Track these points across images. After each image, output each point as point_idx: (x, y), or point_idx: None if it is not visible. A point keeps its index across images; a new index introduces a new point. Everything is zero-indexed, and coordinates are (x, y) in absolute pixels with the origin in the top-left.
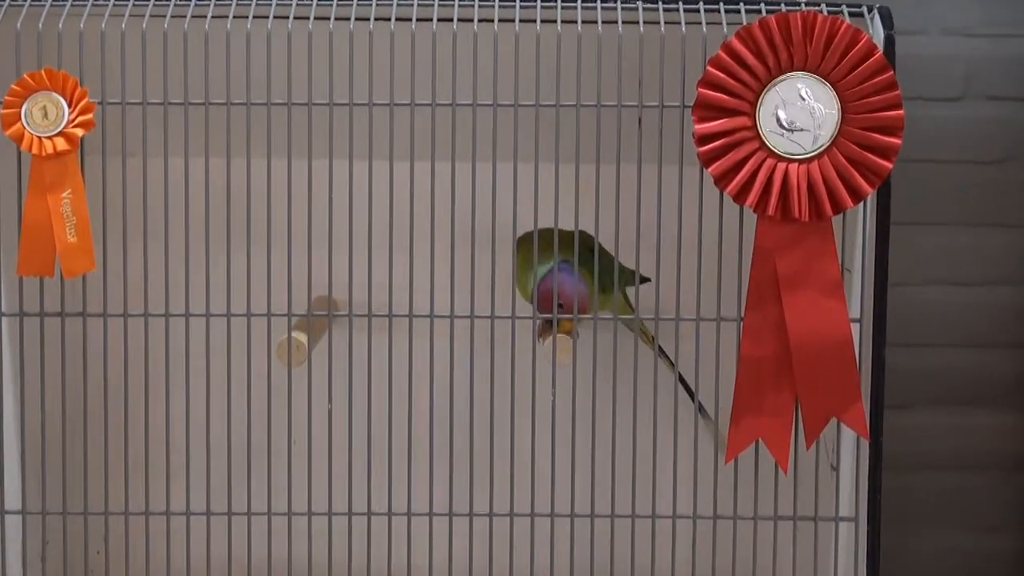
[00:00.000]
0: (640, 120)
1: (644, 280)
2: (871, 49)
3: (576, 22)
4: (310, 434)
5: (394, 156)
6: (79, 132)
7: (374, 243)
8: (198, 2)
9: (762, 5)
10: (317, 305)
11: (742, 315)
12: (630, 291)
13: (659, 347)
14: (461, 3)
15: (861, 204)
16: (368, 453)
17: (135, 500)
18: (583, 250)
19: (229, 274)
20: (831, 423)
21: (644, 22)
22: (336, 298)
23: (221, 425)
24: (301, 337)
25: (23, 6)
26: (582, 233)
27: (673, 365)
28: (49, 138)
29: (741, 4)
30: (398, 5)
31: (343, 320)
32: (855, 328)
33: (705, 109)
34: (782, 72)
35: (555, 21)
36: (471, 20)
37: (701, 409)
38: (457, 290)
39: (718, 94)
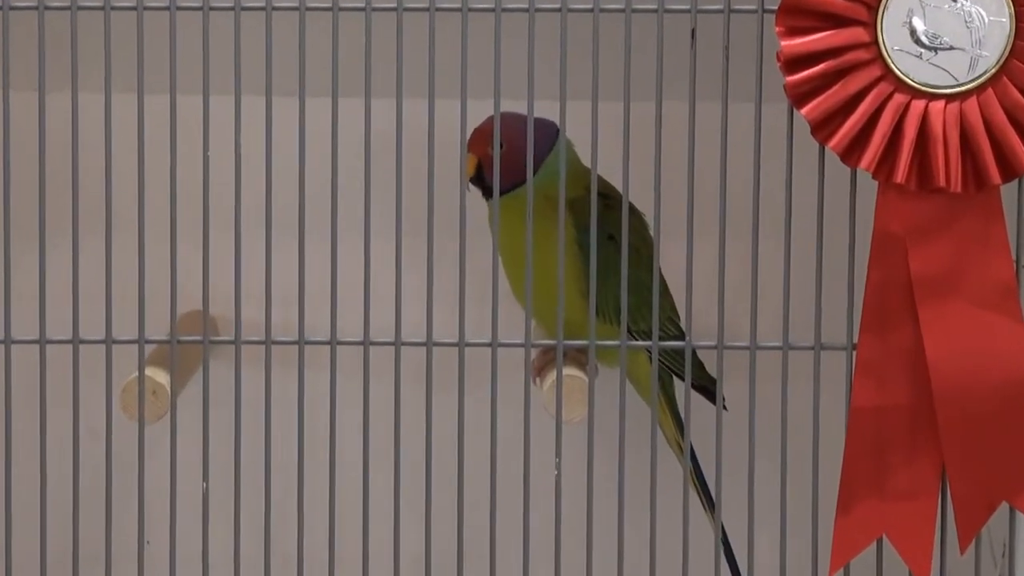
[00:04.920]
0: (694, 33)
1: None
2: None
3: None
4: (174, 529)
5: (305, 89)
6: None
7: (275, 228)
8: None
9: None
10: (186, 326)
11: (854, 341)
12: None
13: (692, 462)
14: None
15: None
16: (266, 558)
17: None
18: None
19: (43, 277)
20: (1000, 511)
21: None
22: (216, 315)
23: (30, 514)
24: (159, 376)
25: None
26: (604, 199)
27: (712, 507)
28: None
29: None
30: None
31: (226, 349)
32: None
33: (797, 16)
34: None
35: None
36: None
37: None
38: (407, 302)
39: None
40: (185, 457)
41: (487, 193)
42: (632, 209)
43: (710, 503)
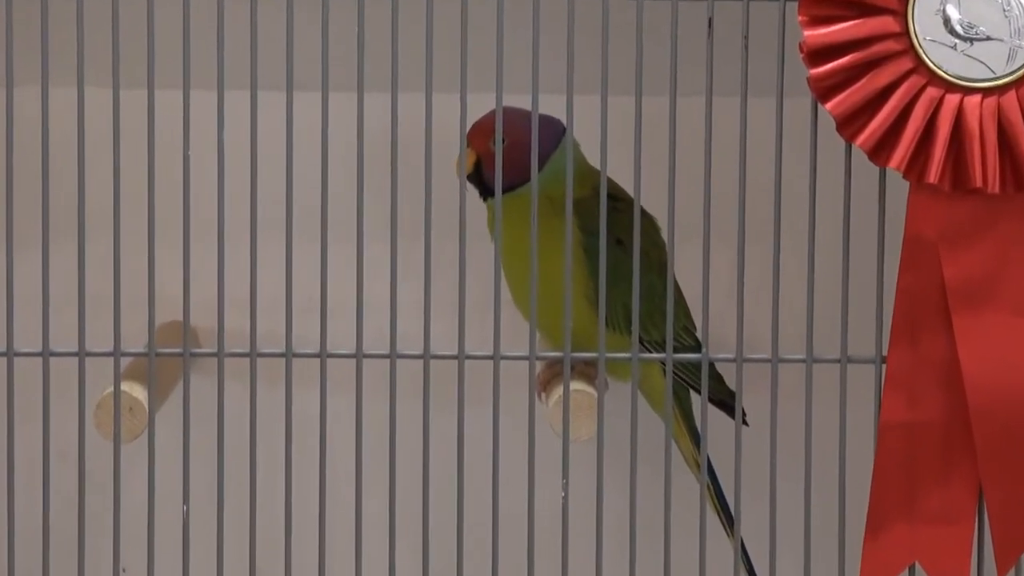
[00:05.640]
0: (711, 22)
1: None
2: None
3: None
4: (152, 557)
5: (293, 83)
6: None
7: (261, 232)
8: None
9: None
10: (165, 337)
11: (883, 353)
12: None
13: (710, 483)
14: None
15: None
16: None
17: None
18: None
19: (10, 284)
20: None
21: None
22: (197, 325)
23: None
24: (136, 391)
25: None
26: (611, 201)
27: (732, 527)
28: None
29: None
30: None
31: (208, 362)
32: None
33: (821, 3)
34: None
35: None
36: None
37: None
38: (402, 311)
39: None
40: (164, 479)
41: (485, 192)
42: (643, 212)
43: (730, 526)
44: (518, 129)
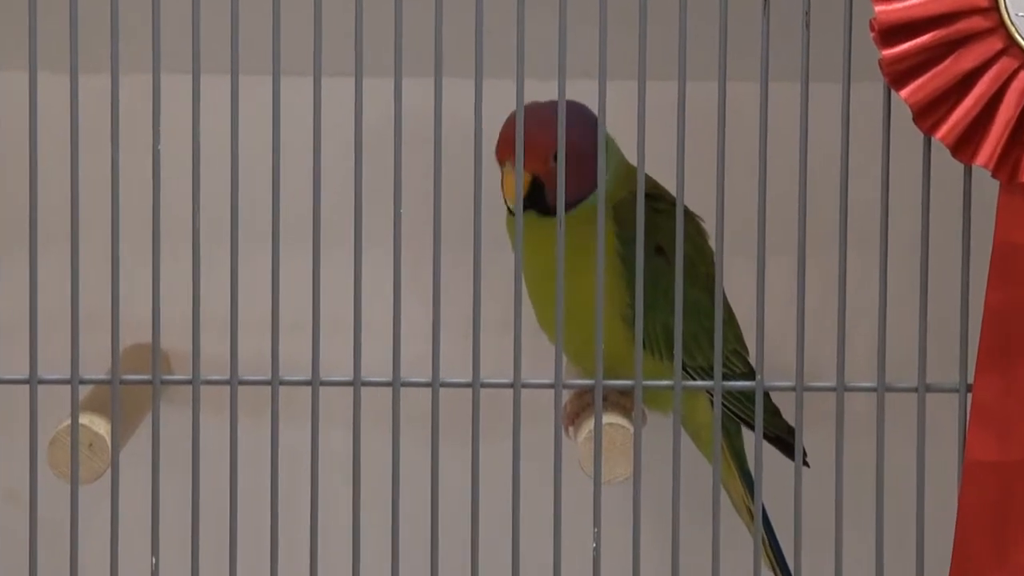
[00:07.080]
0: None
1: None
2: None
3: None
4: None
5: (281, 67)
6: None
7: (243, 240)
8: None
9: None
10: (131, 362)
11: (969, 381)
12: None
13: (765, 531)
14: None
15: None
16: None
17: None
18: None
19: None
20: None
21: None
22: (168, 348)
23: None
24: (98, 425)
25: None
26: (651, 202)
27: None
28: None
29: None
30: None
31: (181, 391)
32: None
33: None
34: None
35: None
36: None
37: None
38: (407, 332)
39: None
40: (129, 526)
41: (543, 212)
42: (688, 214)
43: None
44: (571, 138)
